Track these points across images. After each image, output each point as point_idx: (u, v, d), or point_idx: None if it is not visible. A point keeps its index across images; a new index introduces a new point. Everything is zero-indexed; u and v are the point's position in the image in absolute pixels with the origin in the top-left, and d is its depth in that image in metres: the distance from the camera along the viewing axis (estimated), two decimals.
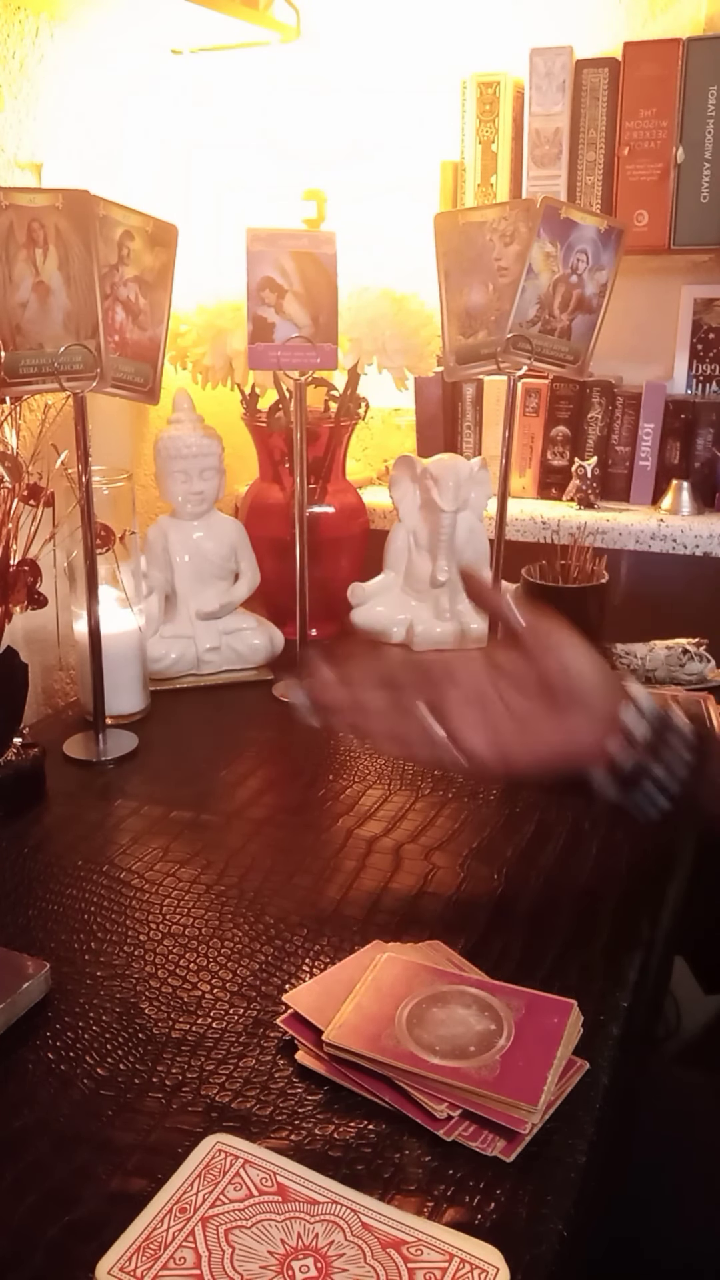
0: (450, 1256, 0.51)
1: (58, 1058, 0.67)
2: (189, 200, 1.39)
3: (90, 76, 1.19)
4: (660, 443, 1.45)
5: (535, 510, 1.45)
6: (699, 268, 1.43)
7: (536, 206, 1.09)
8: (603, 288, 1.15)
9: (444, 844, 0.91)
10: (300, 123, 1.49)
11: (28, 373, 0.97)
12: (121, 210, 1.00)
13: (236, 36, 1.29)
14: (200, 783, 1.02)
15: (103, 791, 1.01)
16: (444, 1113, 0.60)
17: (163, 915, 0.81)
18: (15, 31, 1.08)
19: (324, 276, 1.11)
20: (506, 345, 1.14)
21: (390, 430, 1.67)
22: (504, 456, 1.19)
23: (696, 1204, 0.76)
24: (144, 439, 1.38)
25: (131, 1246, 0.52)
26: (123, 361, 1.03)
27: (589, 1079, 0.64)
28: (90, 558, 1.03)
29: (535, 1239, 0.54)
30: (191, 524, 1.24)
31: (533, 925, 0.79)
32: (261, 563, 1.29)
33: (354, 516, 1.40)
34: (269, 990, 0.73)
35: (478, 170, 1.40)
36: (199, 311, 1.26)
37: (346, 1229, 0.53)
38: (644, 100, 1.31)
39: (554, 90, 1.34)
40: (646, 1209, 0.76)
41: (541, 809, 0.96)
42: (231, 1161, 0.57)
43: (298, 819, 0.96)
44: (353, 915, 0.81)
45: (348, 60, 1.47)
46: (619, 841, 0.90)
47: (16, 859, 0.89)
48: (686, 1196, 0.77)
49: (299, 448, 1.15)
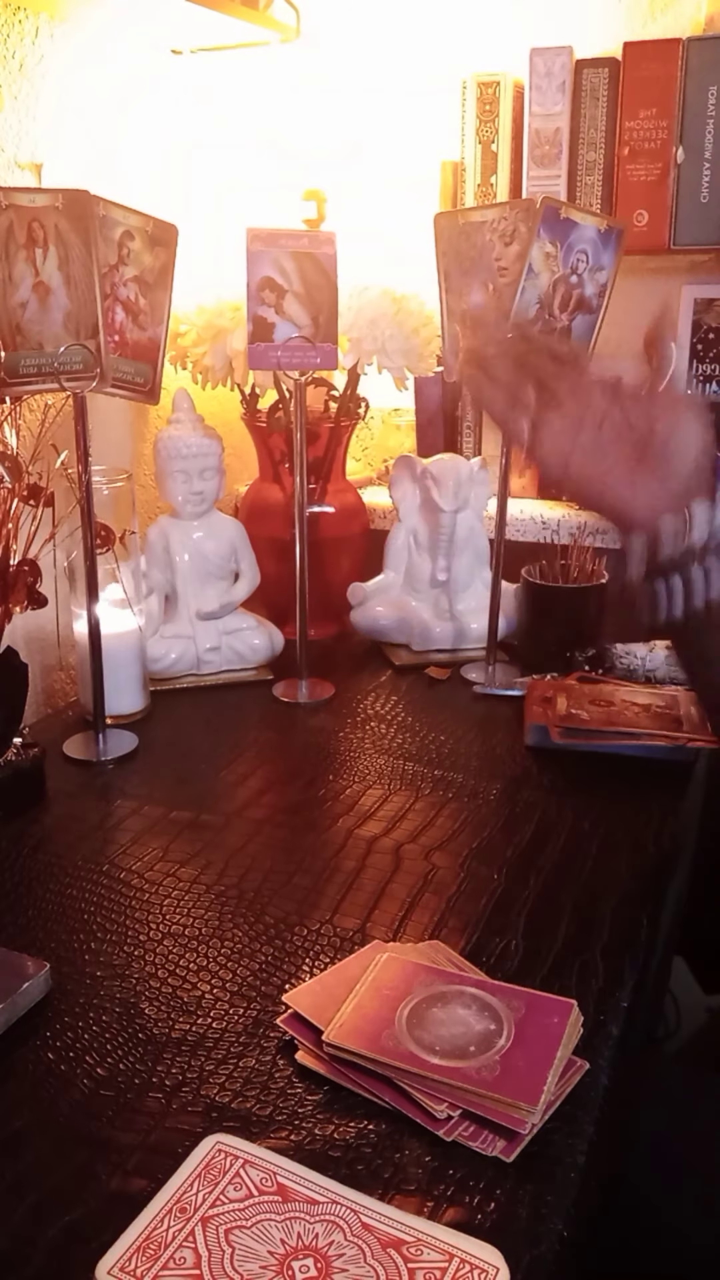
0: (450, 1256, 0.51)
1: (58, 1058, 0.67)
2: (189, 200, 1.39)
3: (90, 76, 1.19)
4: None
5: (535, 510, 1.45)
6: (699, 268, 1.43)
7: (536, 206, 1.09)
8: (603, 288, 1.15)
9: (444, 844, 0.91)
10: (300, 123, 1.49)
11: (28, 373, 0.97)
12: (121, 210, 1.00)
13: (236, 36, 1.29)
14: (200, 783, 1.02)
15: (103, 791, 1.01)
16: (444, 1113, 0.60)
17: (163, 915, 0.81)
18: (15, 31, 1.08)
19: (324, 276, 1.11)
20: None
21: (390, 430, 1.67)
22: (504, 456, 1.19)
23: (697, 1203, 0.76)
24: (144, 439, 1.38)
25: (131, 1247, 0.52)
26: (123, 361, 1.03)
27: (589, 1079, 0.64)
28: (90, 558, 1.03)
29: (535, 1239, 0.54)
30: (191, 524, 1.24)
31: (533, 925, 0.79)
32: (261, 563, 1.29)
33: (354, 516, 1.40)
34: (269, 990, 0.73)
35: (478, 170, 1.40)
36: (199, 311, 1.26)
37: (346, 1229, 0.53)
38: (644, 100, 1.31)
39: (554, 90, 1.34)
40: (646, 1208, 0.76)
41: (542, 809, 0.96)
42: (231, 1161, 0.57)
43: (298, 819, 0.96)
44: (353, 915, 0.81)
45: (348, 60, 1.47)
46: (619, 841, 0.90)
47: (16, 859, 0.89)
48: (687, 1196, 0.77)
49: (299, 448, 1.15)
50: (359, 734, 1.12)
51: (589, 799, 0.97)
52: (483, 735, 1.11)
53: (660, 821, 0.94)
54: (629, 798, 0.97)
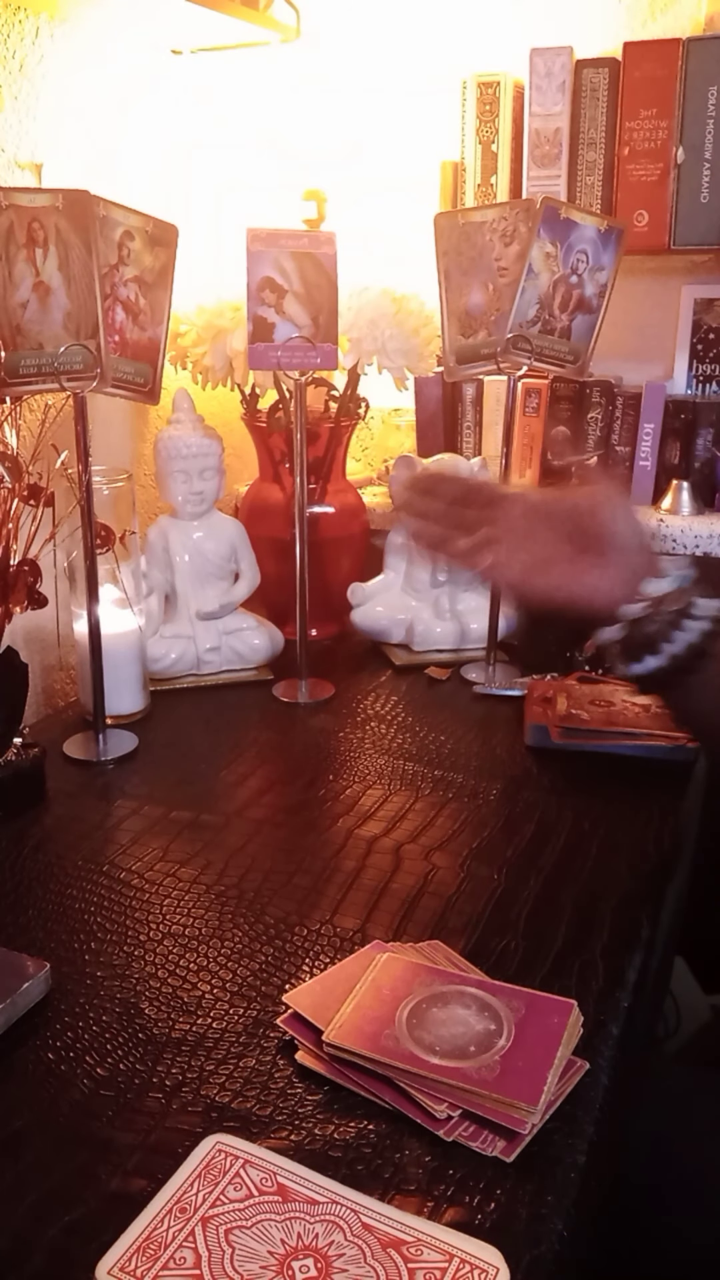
0: (450, 1256, 0.51)
1: (58, 1058, 0.67)
2: (189, 200, 1.39)
3: (90, 76, 1.19)
4: (660, 443, 1.44)
5: None
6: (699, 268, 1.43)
7: (536, 206, 1.10)
8: (603, 288, 1.15)
9: (444, 844, 0.91)
10: (300, 123, 1.49)
11: (28, 373, 0.97)
12: (121, 210, 1.00)
13: (236, 36, 1.29)
14: (200, 783, 1.02)
15: (103, 791, 1.01)
16: (444, 1113, 0.60)
17: (163, 915, 0.81)
18: (15, 31, 1.08)
19: (324, 276, 1.11)
20: (506, 345, 1.14)
21: (390, 430, 1.67)
22: (504, 456, 1.19)
23: (697, 1203, 0.76)
24: (144, 439, 1.38)
25: (131, 1246, 0.52)
26: (123, 361, 1.03)
27: (589, 1079, 0.64)
28: (90, 558, 1.03)
29: (535, 1239, 0.54)
30: (191, 524, 1.24)
31: (533, 925, 0.79)
32: (261, 563, 1.29)
33: (354, 516, 1.40)
34: (269, 990, 0.73)
35: (478, 170, 1.40)
36: (199, 311, 1.26)
37: (346, 1229, 0.53)
38: (644, 100, 1.31)
39: (554, 90, 1.34)
40: (646, 1209, 0.76)
41: (542, 809, 0.96)
42: (231, 1161, 0.57)
43: (298, 819, 0.96)
44: (353, 915, 0.81)
45: (348, 60, 1.47)
46: (619, 841, 0.90)
47: (16, 859, 0.89)
48: (686, 1196, 0.77)
49: (299, 448, 1.15)
50: (359, 734, 1.12)
51: (589, 799, 0.97)
52: (483, 735, 1.11)
53: (660, 821, 0.94)
54: (629, 798, 0.97)
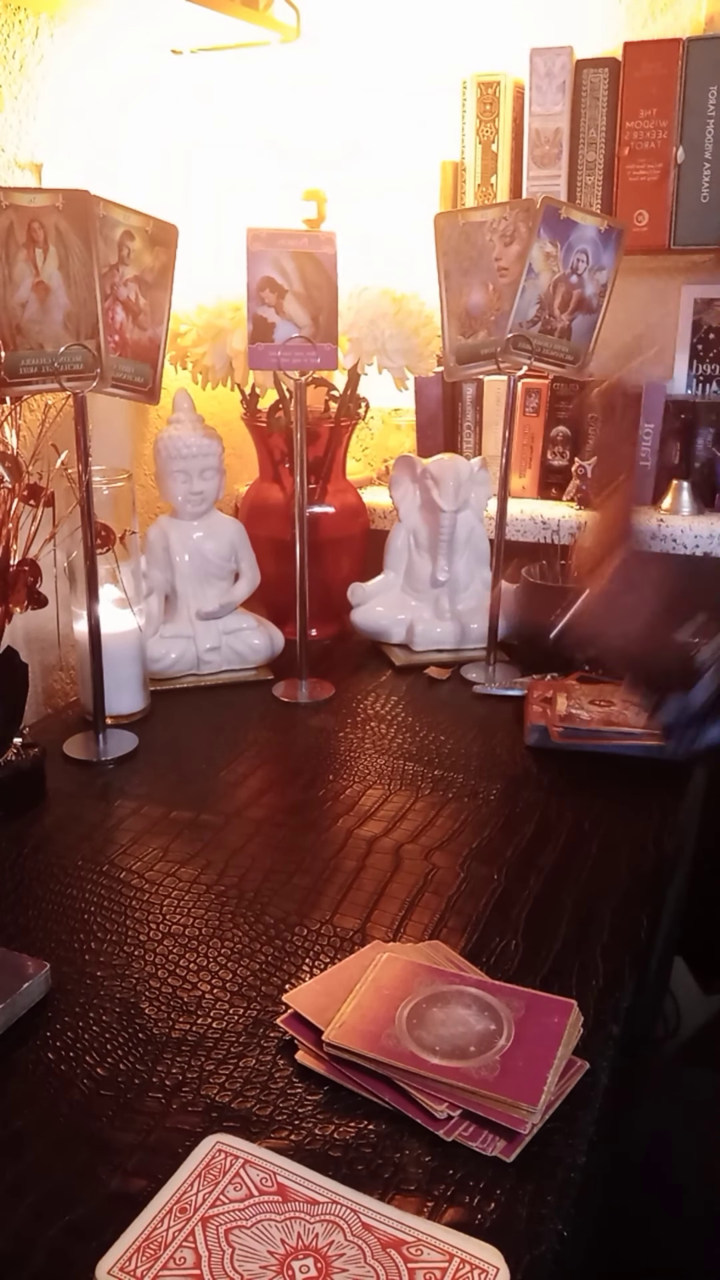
0: (450, 1256, 0.51)
1: (58, 1058, 0.67)
2: (189, 200, 1.39)
3: (90, 76, 1.19)
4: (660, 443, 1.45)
5: (535, 510, 1.45)
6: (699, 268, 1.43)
7: (536, 206, 1.09)
8: (603, 288, 1.15)
9: (444, 844, 0.91)
10: (300, 123, 1.49)
11: (28, 373, 0.97)
12: (121, 210, 1.00)
13: (236, 36, 1.29)
14: (200, 783, 1.02)
15: (103, 791, 1.01)
16: (444, 1113, 0.60)
17: (163, 915, 0.81)
18: (15, 31, 1.08)
19: (324, 276, 1.11)
20: (506, 345, 1.14)
21: (390, 430, 1.67)
22: (504, 456, 1.19)
23: (697, 1202, 0.76)
24: (144, 439, 1.38)
25: (131, 1246, 0.52)
26: (123, 361, 1.03)
27: (589, 1079, 0.64)
28: (90, 558, 1.03)
29: (535, 1239, 0.54)
30: (191, 524, 1.24)
31: (532, 925, 0.79)
32: (261, 563, 1.29)
33: (354, 516, 1.40)
34: (269, 990, 0.73)
35: (478, 170, 1.40)
36: (199, 311, 1.26)
37: (346, 1229, 0.53)
38: (644, 100, 1.31)
39: (554, 90, 1.34)
40: (647, 1209, 0.76)
41: (542, 809, 0.96)
42: (231, 1161, 0.57)
43: (298, 819, 0.96)
44: (353, 915, 0.81)
45: (348, 60, 1.47)
46: (619, 841, 0.90)
47: (16, 859, 0.89)
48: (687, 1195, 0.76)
49: (299, 448, 1.15)
50: (359, 734, 1.12)
51: (589, 799, 0.97)
52: (483, 735, 1.11)
53: (660, 821, 0.93)
54: (629, 798, 0.97)
